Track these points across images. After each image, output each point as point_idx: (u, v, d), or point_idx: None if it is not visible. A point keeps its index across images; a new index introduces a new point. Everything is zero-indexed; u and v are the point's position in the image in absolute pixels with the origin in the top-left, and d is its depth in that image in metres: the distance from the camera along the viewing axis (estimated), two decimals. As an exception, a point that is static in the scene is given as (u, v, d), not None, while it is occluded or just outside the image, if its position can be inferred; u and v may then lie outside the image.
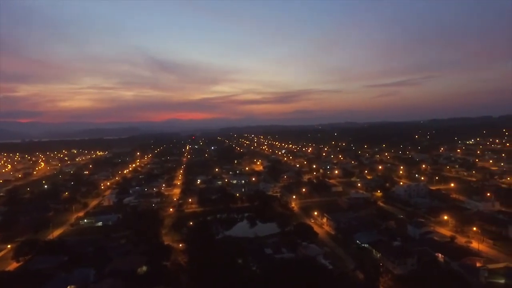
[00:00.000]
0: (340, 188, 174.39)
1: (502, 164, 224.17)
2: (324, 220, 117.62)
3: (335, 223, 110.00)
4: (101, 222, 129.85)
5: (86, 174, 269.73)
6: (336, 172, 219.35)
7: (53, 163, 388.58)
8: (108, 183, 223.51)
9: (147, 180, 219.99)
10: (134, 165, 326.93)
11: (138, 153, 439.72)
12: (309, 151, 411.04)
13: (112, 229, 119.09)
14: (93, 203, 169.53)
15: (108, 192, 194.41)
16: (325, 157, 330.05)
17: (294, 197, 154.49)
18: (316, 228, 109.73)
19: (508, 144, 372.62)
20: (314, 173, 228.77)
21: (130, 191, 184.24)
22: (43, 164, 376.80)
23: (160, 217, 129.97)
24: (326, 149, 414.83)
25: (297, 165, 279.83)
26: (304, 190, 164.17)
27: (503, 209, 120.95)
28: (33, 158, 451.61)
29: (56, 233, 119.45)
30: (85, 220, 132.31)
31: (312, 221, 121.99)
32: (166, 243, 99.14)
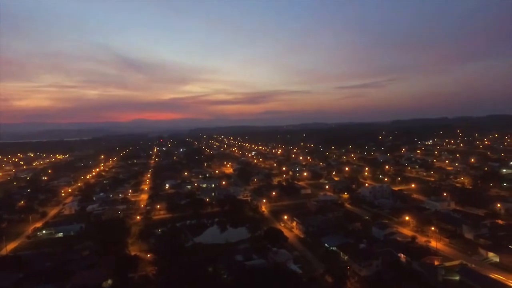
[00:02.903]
0: (309, 191, 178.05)
1: (456, 164, 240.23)
2: (294, 223, 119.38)
3: (304, 227, 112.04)
4: (61, 233, 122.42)
5: (44, 180, 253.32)
6: (305, 174, 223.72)
7: (7, 168, 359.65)
8: (70, 190, 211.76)
9: (112, 186, 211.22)
10: (98, 169, 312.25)
11: (102, 156, 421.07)
12: (278, 152, 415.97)
13: (74, 240, 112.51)
14: (53, 212, 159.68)
15: (69, 200, 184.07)
16: (294, 158, 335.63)
17: (264, 200, 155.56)
18: (286, 232, 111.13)
19: (461, 145, 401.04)
20: (284, 175, 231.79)
21: (94, 198, 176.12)
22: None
23: (126, 225, 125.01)
24: (295, 150, 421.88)
25: (267, 167, 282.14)
26: (274, 193, 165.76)
27: (457, 208, 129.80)
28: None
29: (10, 247, 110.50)
30: (44, 231, 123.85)
31: (282, 225, 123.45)
32: (133, 253, 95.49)
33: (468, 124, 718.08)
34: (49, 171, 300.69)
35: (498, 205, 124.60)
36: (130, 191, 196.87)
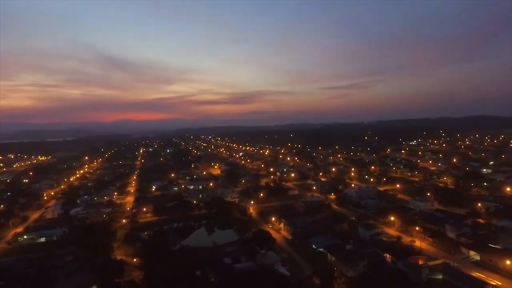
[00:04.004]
0: (296, 192, 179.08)
1: (439, 164, 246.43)
2: (282, 225, 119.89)
3: (292, 228, 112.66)
4: (43, 238, 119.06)
5: (25, 182, 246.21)
6: (293, 175, 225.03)
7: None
8: (52, 193, 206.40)
9: (97, 188, 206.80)
10: (81, 171, 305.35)
11: (86, 158, 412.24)
12: (266, 153, 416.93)
13: (57, 245, 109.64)
14: (34, 216, 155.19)
15: (52, 203, 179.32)
16: (282, 159, 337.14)
17: (252, 202, 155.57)
18: (274, 234, 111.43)
19: (444, 145, 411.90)
20: (272, 176, 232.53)
21: (78, 201, 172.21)
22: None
23: (111, 229, 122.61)
24: (282, 151, 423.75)
25: (255, 168, 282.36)
26: (261, 194, 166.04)
27: (441, 207, 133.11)
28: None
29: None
30: (25, 237, 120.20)
31: (270, 226, 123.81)
32: (118, 258, 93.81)
33: (449, 124, 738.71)
34: (31, 173, 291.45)
35: (479, 204, 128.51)
36: (116, 193, 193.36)
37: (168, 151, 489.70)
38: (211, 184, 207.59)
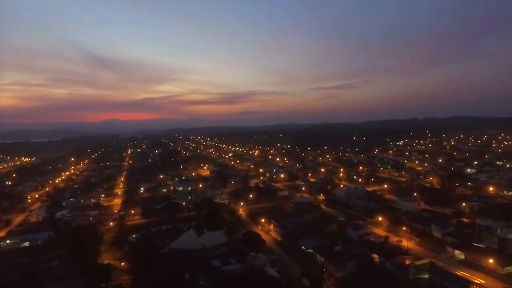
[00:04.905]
0: (286, 192, 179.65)
1: (426, 164, 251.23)
2: (271, 226, 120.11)
3: (281, 229, 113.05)
4: (28, 242, 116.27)
5: (8, 185, 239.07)
6: (282, 175, 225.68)
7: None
8: (37, 195, 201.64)
9: (84, 190, 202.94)
10: (67, 173, 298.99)
11: (72, 159, 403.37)
12: (256, 153, 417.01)
13: (42, 249, 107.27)
14: (18, 219, 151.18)
15: (36, 206, 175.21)
16: (271, 160, 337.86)
17: (241, 203, 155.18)
18: (264, 235, 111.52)
19: (430, 145, 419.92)
20: (261, 177, 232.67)
21: (63, 204, 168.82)
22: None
23: (98, 232, 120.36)
24: (272, 151, 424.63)
25: (244, 169, 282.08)
26: (251, 195, 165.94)
27: (427, 207, 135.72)
28: None
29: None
30: (8, 241, 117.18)
31: (260, 227, 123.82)
32: (106, 262, 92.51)
33: (436, 125, 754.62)
34: (14, 175, 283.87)
35: (463, 204, 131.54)
36: (103, 195, 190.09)
37: (156, 152, 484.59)
38: (200, 185, 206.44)
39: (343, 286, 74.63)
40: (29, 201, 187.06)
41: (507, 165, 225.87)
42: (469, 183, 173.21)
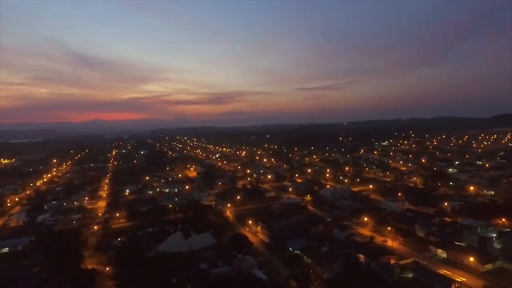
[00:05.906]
0: (273, 193, 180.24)
1: (409, 164, 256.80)
2: (259, 228, 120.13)
3: (269, 231, 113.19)
4: (7, 248, 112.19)
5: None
6: (269, 176, 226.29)
7: None
8: (17, 199, 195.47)
9: (66, 193, 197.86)
10: (49, 175, 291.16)
11: (54, 160, 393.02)
12: (243, 154, 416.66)
13: (22, 255, 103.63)
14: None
15: (16, 210, 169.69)
16: (258, 160, 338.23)
17: (229, 205, 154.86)
18: (251, 237, 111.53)
19: (414, 145, 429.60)
20: (248, 178, 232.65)
21: (45, 207, 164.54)
22: None
23: (82, 236, 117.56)
24: (259, 152, 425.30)
25: (232, 170, 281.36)
26: (238, 197, 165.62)
27: (411, 207, 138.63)
28: None
29: None
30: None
31: (247, 229, 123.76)
32: (90, 267, 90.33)
33: (419, 125, 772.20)
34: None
35: (445, 203, 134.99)
36: (87, 198, 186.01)
37: (142, 152, 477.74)
38: (187, 187, 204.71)
39: (330, 287, 75.34)
40: (9, 205, 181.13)
41: (487, 165, 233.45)
42: (451, 183, 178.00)
